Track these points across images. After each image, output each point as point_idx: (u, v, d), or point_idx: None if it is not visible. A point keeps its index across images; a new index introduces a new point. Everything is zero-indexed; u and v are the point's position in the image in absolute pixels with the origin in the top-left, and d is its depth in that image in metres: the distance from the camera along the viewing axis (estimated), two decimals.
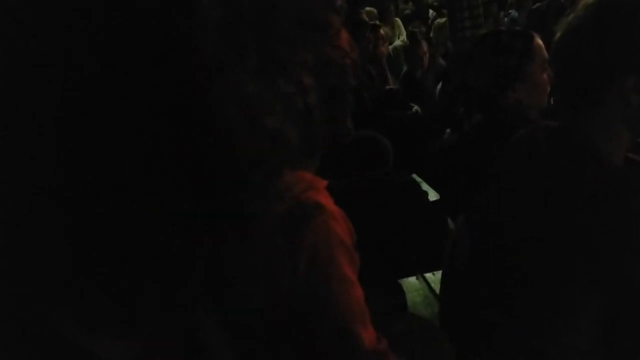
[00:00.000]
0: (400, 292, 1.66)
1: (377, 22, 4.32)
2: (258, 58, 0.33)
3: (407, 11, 7.72)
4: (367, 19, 3.78)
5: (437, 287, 2.02)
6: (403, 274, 2.07)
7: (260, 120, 0.33)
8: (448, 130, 1.99)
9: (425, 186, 2.11)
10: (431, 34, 5.23)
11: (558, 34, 0.97)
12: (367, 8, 5.85)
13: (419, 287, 2.23)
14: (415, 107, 3.20)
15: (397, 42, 5.45)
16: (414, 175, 2.07)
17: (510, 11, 6.53)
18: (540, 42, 1.50)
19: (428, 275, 2.23)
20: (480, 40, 1.58)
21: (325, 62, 0.75)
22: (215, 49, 0.31)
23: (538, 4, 5.95)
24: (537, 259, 0.95)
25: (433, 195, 2.06)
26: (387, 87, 3.64)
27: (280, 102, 0.34)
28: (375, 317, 0.86)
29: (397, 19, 6.64)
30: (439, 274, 1.75)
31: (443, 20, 5.16)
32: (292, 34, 0.35)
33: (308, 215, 0.71)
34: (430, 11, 6.54)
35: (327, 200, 0.74)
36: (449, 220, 1.85)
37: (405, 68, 4.05)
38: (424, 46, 3.95)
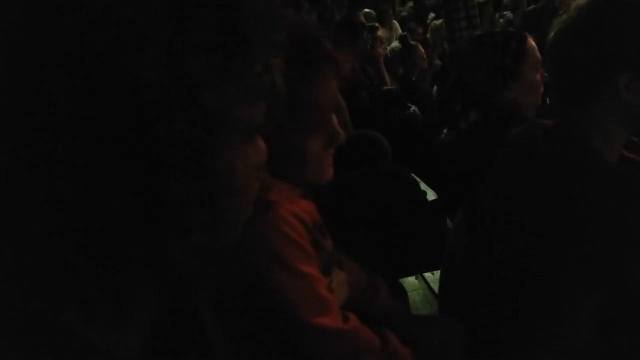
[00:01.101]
0: (403, 291, 1.67)
1: (375, 24, 4.34)
2: (213, 34, 0.32)
3: (404, 13, 7.74)
4: (364, 21, 3.80)
5: (436, 287, 2.03)
6: (402, 273, 2.08)
7: (199, 96, 0.32)
8: (445, 130, 2.00)
9: (423, 186, 2.12)
10: (428, 35, 5.26)
11: (552, 34, 0.99)
12: (366, 10, 5.88)
13: (418, 286, 2.24)
14: (413, 108, 3.21)
15: (395, 44, 5.47)
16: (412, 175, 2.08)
17: (505, 12, 6.56)
18: (533, 43, 1.53)
19: (427, 274, 2.24)
20: (476, 40, 1.60)
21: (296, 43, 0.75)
22: (136, 18, 0.30)
23: (533, 6, 5.99)
24: (536, 254, 0.96)
25: (432, 195, 2.07)
26: (385, 87, 3.66)
27: (235, 80, 0.33)
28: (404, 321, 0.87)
29: (395, 21, 6.67)
30: (438, 273, 1.76)
31: (440, 21, 5.19)
32: (262, 14, 0.35)
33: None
34: (431, 14, 6.57)
35: (278, 198, 0.77)
36: (447, 220, 1.86)
37: (401, 70, 4.07)
38: (420, 48, 3.96)
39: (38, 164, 0.31)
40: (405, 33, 5.07)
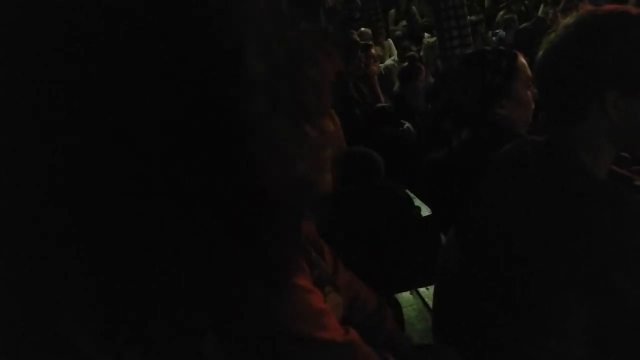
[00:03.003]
0: (397, 306, 1.67)
1: (369, 42, 4.40)
2: (289, 106, 0.34)
3: (398, 32, 7.86)
4: (358, 39, 3.86)
5: (430, 302, 2.03)
6: (397, 288, 2.08)
7: (291, 166, 0.35)
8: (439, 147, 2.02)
9: (417, 202, 2.13)
10: (421, 53, 5.34)
11: (540, 53, 1.01)
12: (362, 29, 5.98)
13: (413, 301, 2.24)
14: (407, 125, 3.24)
15: (389, 62, 5.54)
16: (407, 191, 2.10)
17: (497, 31, 6.67)
18: (523, 60, 1.55)
19: (422, 289, 2.24)
20: (467, 58, 1.63)
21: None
22: (256, 105, 0.32)
23: (525, 24, 6.10)
24: (528, 269, 0.97)
25: (426, 211, 2.08)
26: (379, 104, 3.70)
27: (307, 148, 0.36)
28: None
29: (389, 39, 6.76)
30: (432, 288, 1.76)
31: (433, 39, 5.28)
32: (317, 85, 0.37)
33: None
34: (426, 34, 6.68)
35: None
36: (441, 236, 1.87)
37: (397, 87, 4.10)
38: (424, 72, 3.96)
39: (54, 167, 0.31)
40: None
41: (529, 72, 1.54)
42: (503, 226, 1.04)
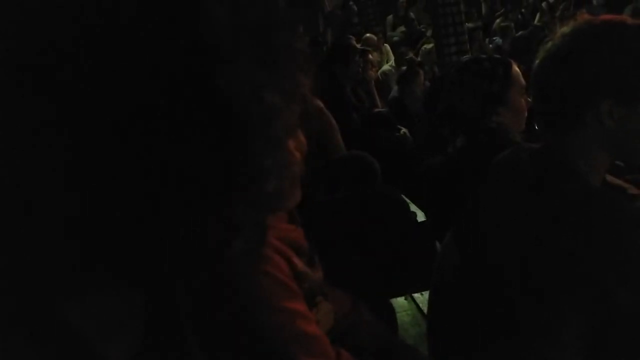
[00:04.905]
0: (391, 311, 1.67)
1: (366, 47, 4.42)
2: (258, 53, 0.37)
3: (395, 38, 7.90)
4: (355, 44, 3.87)
5: (425, 307, 2.03)
6: (392, 294, 2.08)
7: (261, 94, 0.37)
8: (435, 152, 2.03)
9: (413, 207, 2.14)
10: (419, 58, 5.37)
11: (537, 61, 1.02)
12: (367, 35, 6.01)
13: (408, 307, 2.24)
14: (404, 130, 3.25)
15: (386, 67, 5.56)
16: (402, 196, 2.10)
17: (494, 38, 6.71)
18: (517, 69, 1.58)
19: (416, 295, 2.24)
20: (464, 65, 1.64)
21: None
22: (221, 42, 0.35)
23: (521, 32, 6.14)
24: (522, 276, 0.97)
25: (421, 216, 2.09)
26: (376, 110, 3.71)
27: (278, 88, 0.38)
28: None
29: (386, 44, 6.79)
30: (427, 294, 1.77)
31: (430, 45, 5.31)
32: (286, 39, 0.40)
33: None
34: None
35: None
36: (436, 242, 1.87)
37: (395, 91, 4.11)
38: (422, 76, 3.96)
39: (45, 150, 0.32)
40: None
41: (522, 80, 1.56)
42: (500, 232, 1.04)
